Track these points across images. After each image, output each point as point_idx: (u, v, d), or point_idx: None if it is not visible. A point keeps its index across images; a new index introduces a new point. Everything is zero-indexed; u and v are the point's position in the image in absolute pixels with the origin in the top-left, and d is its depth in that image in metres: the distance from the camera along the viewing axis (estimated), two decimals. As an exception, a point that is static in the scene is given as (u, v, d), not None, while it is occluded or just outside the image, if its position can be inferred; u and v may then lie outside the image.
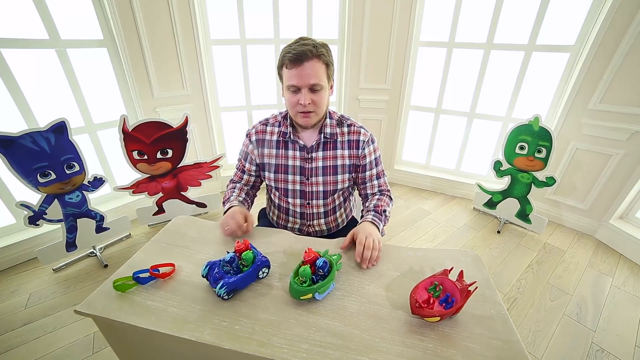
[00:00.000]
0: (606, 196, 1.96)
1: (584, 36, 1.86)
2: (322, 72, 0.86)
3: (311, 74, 0.84)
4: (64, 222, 1.66)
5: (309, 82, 0.85)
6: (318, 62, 0.85)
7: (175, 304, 0.64)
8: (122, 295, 0.67)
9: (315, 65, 0.84)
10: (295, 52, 0.83)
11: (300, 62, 0.83)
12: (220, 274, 0.65)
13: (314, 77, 0.85)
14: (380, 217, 0.94)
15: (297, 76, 0.85)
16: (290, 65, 0.85)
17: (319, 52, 0.84)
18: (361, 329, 0.60)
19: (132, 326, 0.59)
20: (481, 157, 2.50)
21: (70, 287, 1.60)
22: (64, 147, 1.54)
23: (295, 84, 0.86)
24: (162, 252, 0.80)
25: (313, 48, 0.83)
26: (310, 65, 0.83)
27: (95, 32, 1.82)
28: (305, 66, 0.83)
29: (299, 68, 0.84)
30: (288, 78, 0.87)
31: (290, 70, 0.85)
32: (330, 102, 1.00)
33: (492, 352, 0.56)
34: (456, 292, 0.62)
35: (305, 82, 0.85)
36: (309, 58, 0.83)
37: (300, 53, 0.82)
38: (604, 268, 1.80)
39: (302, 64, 0.83)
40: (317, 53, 0.84)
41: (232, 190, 1.07)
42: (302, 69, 0.84)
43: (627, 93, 1.75)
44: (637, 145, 1.79)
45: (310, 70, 0.84)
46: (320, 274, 0.66)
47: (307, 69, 0.84)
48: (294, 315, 0.62)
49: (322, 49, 0.86)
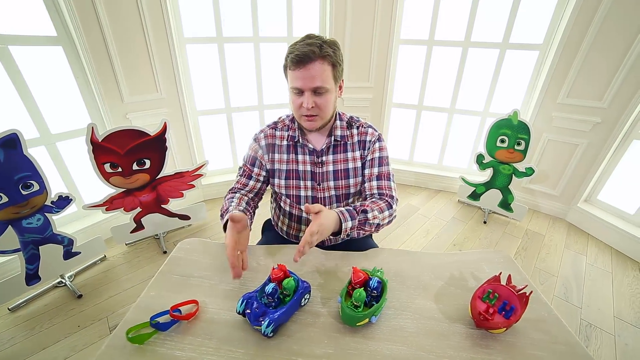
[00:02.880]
0: (574, 182, 2.15)
1: (550, 35, 2.00)
2: (327, 74, 0.80)
3: (315, 77, 0.78)
4: (22, 252, 1.41)
5: (312, 85, 0.79)
6: (323, 63, 0.78)
7: (211, 350, 0.55)
8: (141, 348, 0.56)
9: (319, 67, 0.78)
10: (298, 52, 0.76)
11: (303, 63, 0.77)
12: (262, 309, 0.57)
13: (317, 79, 0.78)
14: (354, 214, 0.81)
15: (300, 78, 0.79)
16: (293, 67, 0.78)
17: (324, 52, 0.77)
18: (426, 350, 0.56)
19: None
20: (461, 150, 2.61)
21: (36, 328, 1.37)
22: (17, 163, 1.30)
23: (298, 87, 0.80)
24: (175, 287, 0.69)
25: (318, 48, 0.77)
26: (314, 67, 0.77)
27: (47, 28, 1.56)
28: (309, 68, 0.77)
29: (302, 70, 0.77)
30: (291, 80, 0.81)
31: (293, 71, 0.79)
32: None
33: (559, 358, 0.56)
34: (514, 299, 0.61)
35: (308, 84, 0.79)
36: (313, 59, 0.76)
37: (304, 54, 0.76)
38: (578, 248, 1.98)
39: (306, 66, 0.77)
40: (322, 53, 0.77)
41: (230, 200, 0.93)
42: (306, 71, 0.77)
43: (589, 88, 1.92)
44: (598, 135, 1.97)
45: (314, 72, 0.77)
46: (373, 295, 0.61)
47: (310, 71, 0.77)
48: (352, 345, 0.57)
49: (328, 49, 0.79)
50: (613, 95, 1.85)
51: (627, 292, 1.66)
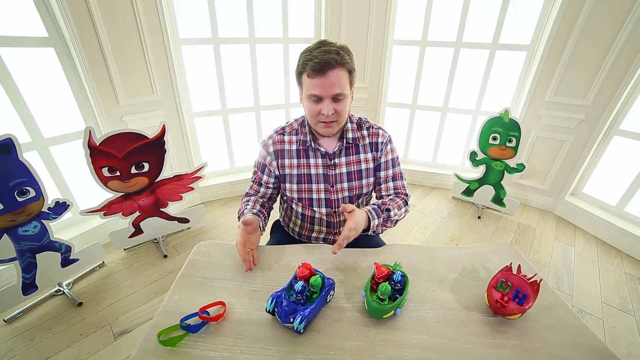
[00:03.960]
0: (561, 177, 2.26)
1: (537, 37, 2.09)
2: (345, 81, 0.82)
3: (335, 84, 0.80)
4: (19, 260, 1.37)
5: (332, 92, 0.81)
6: (342, 71, 0.81)
7: (244, 349, 0.56)
8: (173, 350, 0.56)
9: (339, 74, 0.80)
10: (318, 60, 0.78)
11: (323, 71, 0.78)
12: (292, 307, 0.59)
13: (337, 86, 0.81)
14: (380, 213, 0.89)
15: (319, 86, 0.80)
16: (312, 75, 0.80)
17: (343, 60, 0.80)
18: (449, 338, 0.60)
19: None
20: (454, 148, 2.68)
21: (36, 338, 1.33)
22: (12, 169, 1.26)
23: (317, 94, 0.81)
24: (198, 290, 0.70)
25: (337, 55, 0.79)
26: (334, 75, 0.79)
27: (37, 28, 1.51)
28: (329, 75, 0.79)
29: (322, 78, 0.79)
30: (310, 87, 0.82)
31: (312, 79, 0.80)
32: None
33: (569, 339, 0.61)
34: (526, 287, 0.65)
35: (328, 92, 0.81)
36: (333, 67, 0.78)
37: (325, 62, 0.77)
38: (566, 239, 2.08)
39: (326, 74, 0.78)
40: (341, 61, 0.79)
41: (246, 203, 0.99)
42: (326, 79, 0.79)
43: (574, 86, 2.02)
44: (583, 132, 2.08)
45: (334, 79, 0.79)
46: (396, 288, 0.64)
47: (330, 79, 0.79)
48: (380, 337, 0.59)
49: (346, 56, 0.81)
50: (596, 93, 1.96)
51: (612, 278, 1.76)
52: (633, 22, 1.73)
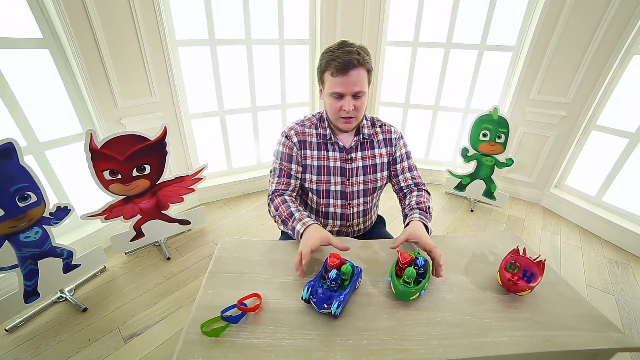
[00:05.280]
0: (546, 170, 2.40)
1: (521, 38, 2.21)
2: (364, 79, 0.88)
3: (356, 82, 0.86)
4: (20, 267, 1.34)
5: (354, 90, 0.87)
6: (362, 70, 0.86)
7: (285, 335, 0.60)
8: (218, 340, 0.59)
9: (359, 73, 0.86)
10: (342, 60, 0.83)
11: (346, 70, 0.84)
12: (327, 294, 0.63)
13: (358, 85, 0.86)
14: (427, 214, 0.95)
15: (342, 84, 0.86)
16: (336, 73, 0.85)
17: (364, 60, 0.86)
18: (469, 314, 0.66)
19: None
20: (446, 145, 2.79)
21: (41, 346, 1.30)
22: (13, 174, 1.23)
23: (340, 92, 0.87)
24: (230, 284, 0.72)
25: (358, 56, 0.85)
26: (355, 74, 0.85)
27: (31, 29, 1.47)
28: (351, 74, 0.85)
29: (344, 76, 0.85)
30: (332, 85, 0.87)
31: (335, 77, 0.86)
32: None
33: (572, 310, 0.68)
34: (533, 267, 0.73)
35: (350, 90, 0.87)
36: (355, 66, 0.84)
37: (348, 62, 0.83)
38: (553, 229, 2.21)
39: (348, 73, 0.84)
40: (362, 61, 0.85)
41: (285, 205, 0.94)
42: (348, 77, 0.85)
43: (556, 85, 2.16)
44: (564, 127, 2.22)
45: (355, 78, 0.85)
46: (419, 272, 0.70)
47: (352, 77, 0.85)
48: (408, 317, 0.65)
49: (366, 57, 0.87)
50: (575, 91, 2.10)
51: (594, 263, 1.90)
52: (606, 24, 1.87)
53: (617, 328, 0.64)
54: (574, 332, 0.63)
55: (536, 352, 0.58)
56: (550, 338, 0.61)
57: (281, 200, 0.97)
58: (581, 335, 0.62)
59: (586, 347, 0.60)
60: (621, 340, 0.61)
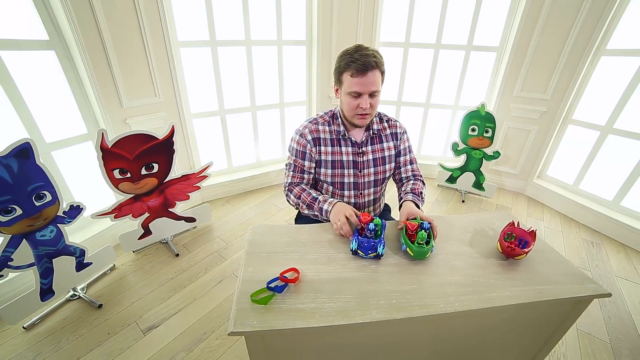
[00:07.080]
0: (529, 162, 2.59)
1: (504, 39, 2.39)
2: (379, 80, 0.98)
3: (373, 82, 0.96)
4: (37, 266, 1.35)
5: (371, 90, 0.97)
6: (378, 72, 0.96)
7: (326, 300, 0.68)
8: (267, 307, 0.67)
9: (375, 75, 0.95)
10: (361, 62, 0.92)
11: (365, 72, 0.93)
12: (371, 242, 0.80)
13: (374, 85, 0.96)
14: (418, 198, 1.10)
15: (360, 84, 0.95)
16: (355, 74, 0.94)
17: (379, 62, 0.96)
18: (477, 276, 0.79)
19: (298, 331, 0.62)
20: (437, 140, 2.94)
21: (62, 341, 1.33)
22: (30, 174, 1.26)
23: (358, 91, 0.97)
24: (267, 262, 0.80)
25: (375, 59, 0.94)
26: (372, 75, 0.94)
27: (37, 31, 1.49)
28: (369, 75, 0.94)
29: (363, 77, 0.94)
30: (351, 85, 0.97)
31: (354, 78, 0.95)
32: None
33: (558, 269, 0.83)
34: (527, 236, 0.88)
35: (367, 89, 0.96)
36: (373, 68, 0.94)
37: (366, 64, 0.93)
38: (537, 216, 2.40)
39: (367, 74, 0.94)
40: (378, 64, 0.95)
41: (307, 193, 1.09)
42: (366, 78, 0.94)
43: (536, 82, 2.34)
44: (545, 122, 2.41)
45: (372, 79, 0.95)
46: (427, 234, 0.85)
47: (370, 78, 0.94)
48: (427, 280, 0.76)
49: (381, 60, 0.97)
50: (553, 88, 2.29)
51: (573, 244, 2.08)
52: (578, 27, 2.06)
53: (593, 281, 0.79)
54: (560, 285, 0.77)
55: (532, 302, 0.72)
56: (542, 291, 0.75)
57: (300, 189, 1.09)
58: (565, 288, 0.77)
59: (570, 295, 0.74)
60: (596, 289, 0.76)
